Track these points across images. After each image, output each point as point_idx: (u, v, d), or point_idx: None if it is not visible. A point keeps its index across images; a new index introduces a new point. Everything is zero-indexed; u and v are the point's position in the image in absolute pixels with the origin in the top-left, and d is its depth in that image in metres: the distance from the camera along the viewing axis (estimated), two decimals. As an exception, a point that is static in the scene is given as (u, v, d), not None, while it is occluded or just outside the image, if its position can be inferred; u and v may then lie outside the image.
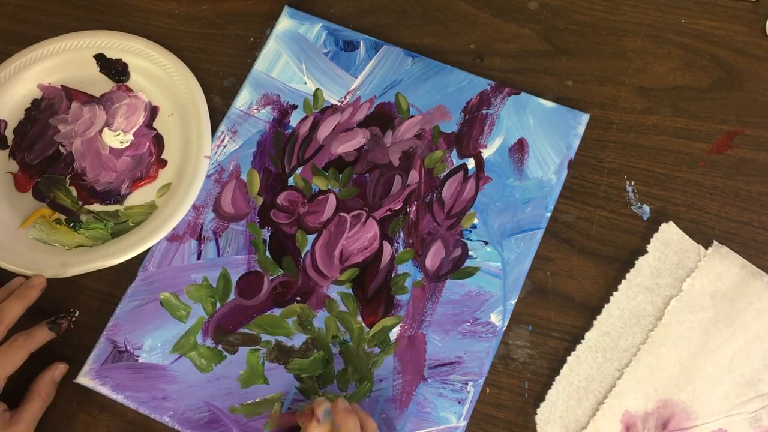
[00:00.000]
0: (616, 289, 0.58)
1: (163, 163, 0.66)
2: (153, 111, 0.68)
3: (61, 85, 0.69)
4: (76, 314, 0.61)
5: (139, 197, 0.65)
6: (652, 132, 0.63)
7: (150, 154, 0.66)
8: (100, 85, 0.69)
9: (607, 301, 0.58)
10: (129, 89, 0.68)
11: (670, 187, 0.61)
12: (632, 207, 0.61)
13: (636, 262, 0.58)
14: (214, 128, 0.66)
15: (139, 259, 0.62)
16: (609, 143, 0.63)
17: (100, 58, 0.69)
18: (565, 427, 0.56)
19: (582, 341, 0.57)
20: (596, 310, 0.58)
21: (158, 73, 0.68)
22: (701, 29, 0.66)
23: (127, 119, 0.67)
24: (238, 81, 0.68)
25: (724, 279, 0.57)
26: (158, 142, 0.67)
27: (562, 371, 0.57)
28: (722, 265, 0.57)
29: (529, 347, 0.58)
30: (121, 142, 0.67)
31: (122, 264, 0.62)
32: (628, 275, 0.58)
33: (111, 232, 0.64)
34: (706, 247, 0.58)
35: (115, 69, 0.69)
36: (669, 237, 0.59)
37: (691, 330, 0.56)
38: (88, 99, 0.69)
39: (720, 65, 0.64)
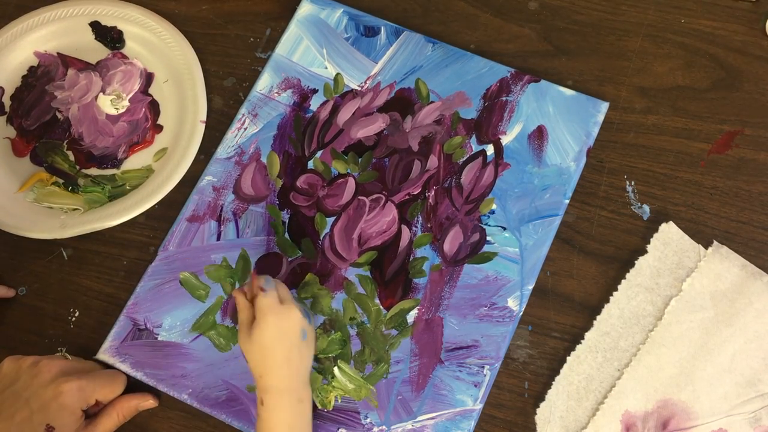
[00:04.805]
0: (616, 289, 0.58)
1: (159, 129, 0.67)
2: (148, 77, 0.68)
3: (57, 53, 0.69)
4: None
5: (136, 161, 0.66)
6: (652, 132, 0.63)
7: (146, 119, 0.67)
8: (96, 52, 0.69)
9: (607, 301, 0.58)
10: (124, 56, 0.69)
11: (670, 187, 0.61)
12: (632, 207, 0.61)
13: (636, 262, 0.58)
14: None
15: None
16: (609, 143, 0.63)
17: (95, 26, 0.69)
18: (565, 427, 0.56)
19: (582, 341, 0.57)
20: (596, 310, 0.58)
21: (153, 41, 0.68)
22: (701, 29, 0.66)
23: (122, 86, 0.68)
24: (239, 81, 0.68)
25: (724, 279, 0.57)
26: (154, 108, 0.68)
27: (562, 371, 0.57)
28: (722, 265, 0.57)
29: (529, 347, 0.58)
30: (116, 108, 0.67)
31: (122, 264, 0.63)
32: (628, 275, 0.58)
33: (108, 196, 0.65)
34: (706, 247, 0.58)
35: (110, 36, 0.69)
36: (669, 237, 0.59)
37: (691, 330, 0.56)
38: (83, 66, 0.69)
39: (720, 65, 0.64)
